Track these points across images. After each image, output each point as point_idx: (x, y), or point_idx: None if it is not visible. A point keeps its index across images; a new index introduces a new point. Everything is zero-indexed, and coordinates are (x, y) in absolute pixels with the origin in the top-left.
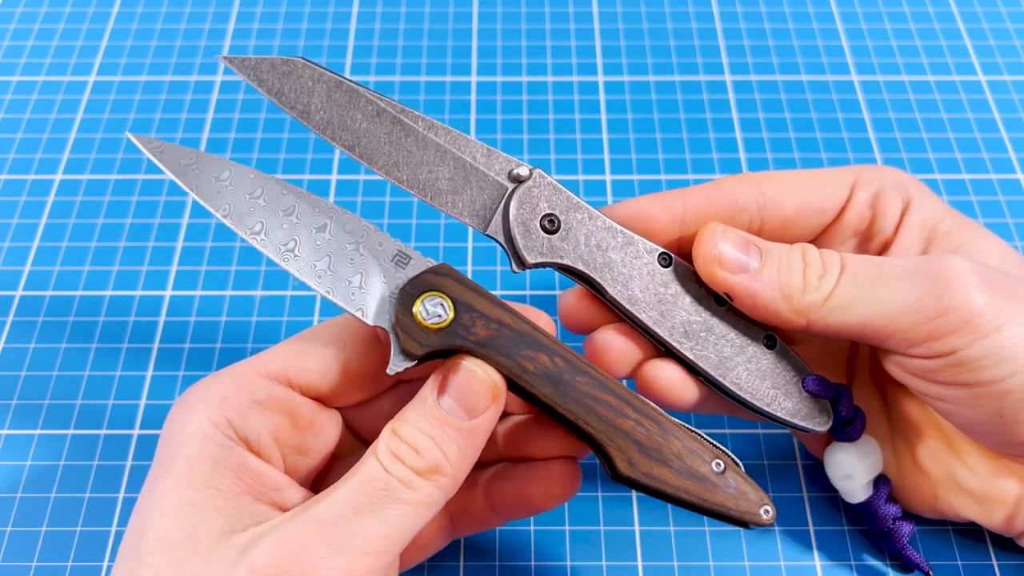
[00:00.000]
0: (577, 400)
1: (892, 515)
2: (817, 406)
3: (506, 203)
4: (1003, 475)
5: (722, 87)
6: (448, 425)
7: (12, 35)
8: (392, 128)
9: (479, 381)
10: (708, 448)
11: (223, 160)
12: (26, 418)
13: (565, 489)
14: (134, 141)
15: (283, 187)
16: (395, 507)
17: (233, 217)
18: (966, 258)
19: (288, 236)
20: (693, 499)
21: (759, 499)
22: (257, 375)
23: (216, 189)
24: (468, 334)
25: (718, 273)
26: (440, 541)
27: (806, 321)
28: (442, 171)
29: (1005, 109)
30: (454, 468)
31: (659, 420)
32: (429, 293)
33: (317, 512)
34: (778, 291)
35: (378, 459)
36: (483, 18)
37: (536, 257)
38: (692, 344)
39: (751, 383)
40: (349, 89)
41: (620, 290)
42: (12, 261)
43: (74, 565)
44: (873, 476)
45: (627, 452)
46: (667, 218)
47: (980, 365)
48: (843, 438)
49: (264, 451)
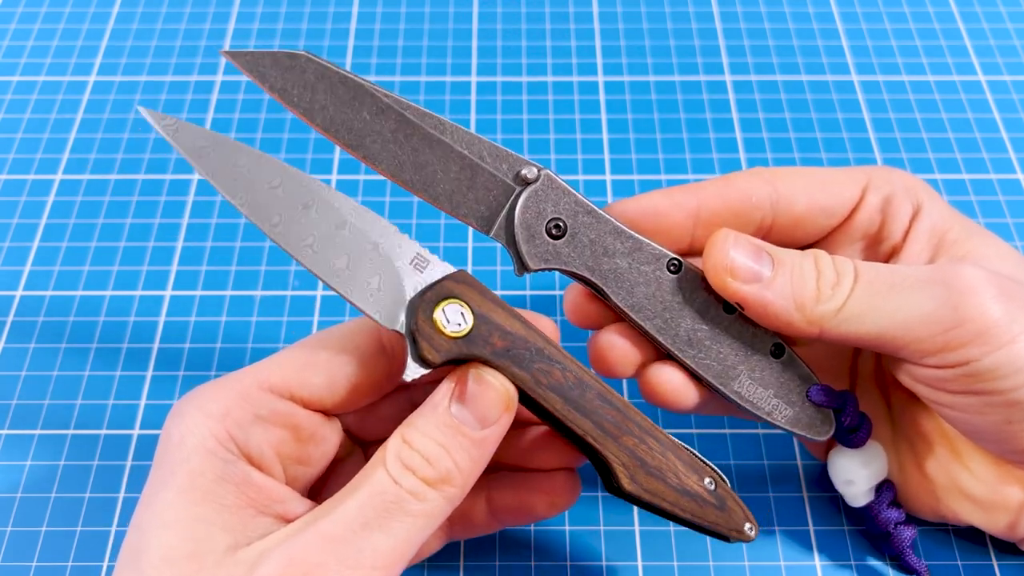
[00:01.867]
0: (585, 415)
1: (894, 520)
2: (819, 415)
3: (511, 206)
4: (1007, 481)
5: (722, 87)
6: (460, 434)
7: (12, 35)
8: (397, 126)
9: (494, 391)
10: (700, 466)
11: (240, 145)
12: (26, 418)
13: (567, 499)
14: (145, 116)
15: (303, 178)
16: (404, 520)
17: (250, 207)
18: (980, 267)
19: (307, 231)
20: (687, 515)
21: (743, 516)
22: (260, 389)
23: (233, 176)
24: (486, 344)
25: (730, 284)
26: (436, 544)
27: (819, 331)
28: (448, 171)
29: (1005, 109)
30: (464, 478)
31: (659, 437)
32: (449, 300)
33: (325, 527)
34: (791, 301)
35: (387, 470)
36: (483, 18)
37: (540, 263)
38: (695, 352)
39: (753, 392)
40: (354, 85)
41: (624, 297)
42: (12, 261)
43: (74, 565)
44: (876, 482)
45: (631, 468)
46: (680, 215)
47: (995, 376)
48: (848, 444)
49: (266, 465)
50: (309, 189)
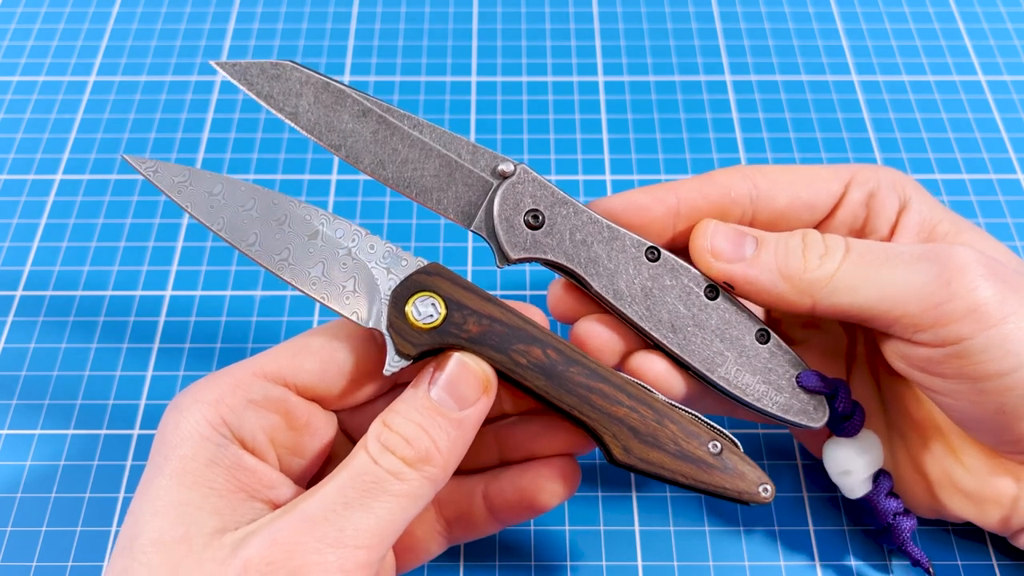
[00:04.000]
0: (571, 390)
1: (892, 510)
2: (812, 401)
3: (490, 199)
4: (999, 474)
5: (722, 87)
6: (439, 415)
7: (12, 35)
8: (378, 127)
9: (470, 372)
10: (705, 430)
11: (215, 175)
12: (26, 418)
13: (566, 484)
14: (129, 162)
15: (274, 197)
16: (385, 500)
17: (228, 230)
18: (972, 249)
19: (281, 245)
20: (690, 481)
21: (757, 478)
22: (253, 376)
23: (210, 204)
24: (460, 331)
25: (715, 264)
26: (436, 548)
27: (811, 301)
28: (427, 168)
29: (1005, 109)
30: (444, 458)
31: (654, 405)
32: (420, 293)
33: (307, 508)
34: (776, 273)
35: (367, 451)
36: (483, 18)
37: (519, 252)
38: (679, 339)
39: (741, 378)
40: (336, 90)
41: (605, 284)
42: (12, 261)
43: (74, 565)
44: (872, 471)
45: (623, 439)
46: (661, 210)
47: (985, 358)
48: (842, 433)
49: (259, 450)
50: (280, 206)
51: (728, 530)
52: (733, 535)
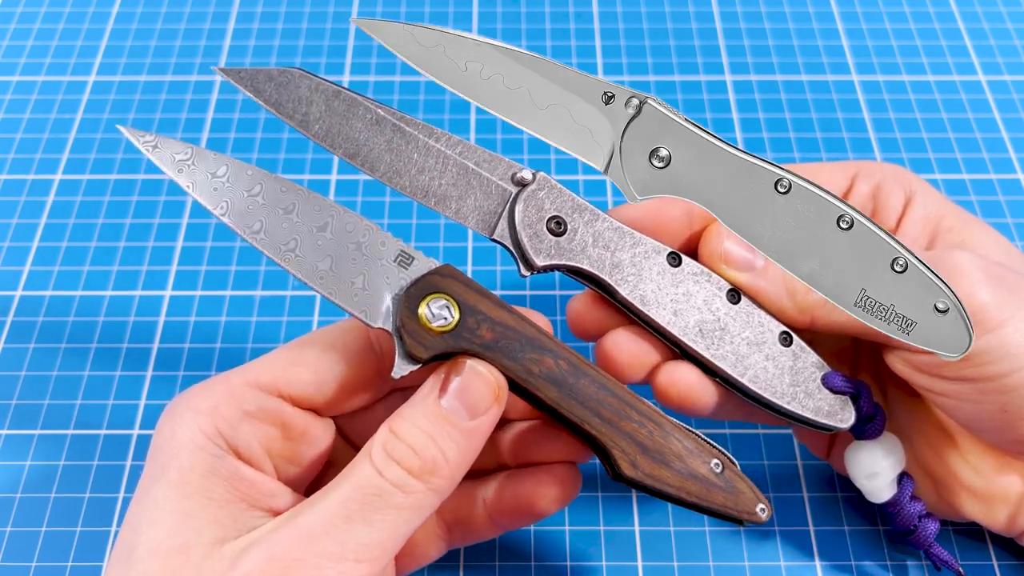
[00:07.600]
0: (581, 402)
1: (917, 513)
2: (838, 403)
3: (511, 207)
4: (1006, 472)
5: (722, 87)
6: (449, 424)
7: (12, 35)
8: (392, 136)
9: (483, 381)
10: (706, 448)
11: (219, 156)
12: (26, 418)
13: (566, 491)
14: (126, 134)
15: (282, 184)
16: (388, 513)
17: (232, 215)
18: (971, 253)
19: (288, 235)
20: (693, 499)
21: (755, 497)
22: (248, 386)
23: (213, 186)
24: (474, 337)
25: (725, 271)
26: (436, 552)
27: (810, 319)
28: (444, 177)
29: (1005, 109)
30: (451, 469)
31: (660, 422)
32: (434, 295)
33: (308, 521)
34: (783, 288)
35: (372, 461)
36: (483, 18)
37: (545, 259)
38: (708, 343)
39: (770, 381)
40: (348, 98)
41: (631, 290)
42: (12, 261)
43: (74, 565)
44: (897, 473)
45: (631, 454)
46: (675, 211)
47: (985, 360)
48: (864, 436)
49: (255, 461)
50: (289, 193)
51: (728, 530)
52: (733, 535)
